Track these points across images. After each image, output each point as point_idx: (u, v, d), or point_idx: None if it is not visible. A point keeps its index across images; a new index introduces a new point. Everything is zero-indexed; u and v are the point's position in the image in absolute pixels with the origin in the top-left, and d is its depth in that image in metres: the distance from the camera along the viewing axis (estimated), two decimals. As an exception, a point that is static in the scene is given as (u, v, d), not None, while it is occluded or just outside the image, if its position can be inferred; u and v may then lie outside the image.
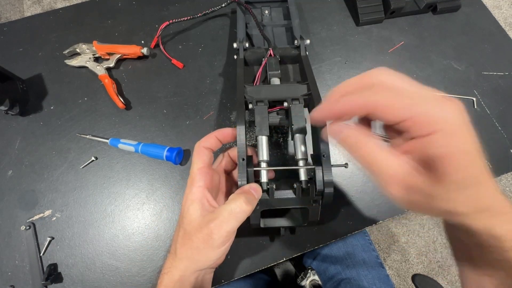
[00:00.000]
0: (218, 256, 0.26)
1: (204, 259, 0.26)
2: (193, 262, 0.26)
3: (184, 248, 0.26)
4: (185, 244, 0.26)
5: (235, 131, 0.29)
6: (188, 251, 0.26)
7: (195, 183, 0.27)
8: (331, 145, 0.29)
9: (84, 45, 0.47)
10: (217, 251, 0.26)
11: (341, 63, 0.49)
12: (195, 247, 0.25)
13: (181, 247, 0.26)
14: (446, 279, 1.11)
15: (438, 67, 0.49)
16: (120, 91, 0.46)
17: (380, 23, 0.52)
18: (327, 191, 0.27)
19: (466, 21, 0.54)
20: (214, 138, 0.29)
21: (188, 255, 0.26)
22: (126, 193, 0.41)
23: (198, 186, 0.27)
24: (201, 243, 0.25)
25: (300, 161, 0.30)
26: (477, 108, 0.46)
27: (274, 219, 0.33)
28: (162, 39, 0.50)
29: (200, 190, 0.27)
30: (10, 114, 0.44)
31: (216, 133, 0.30)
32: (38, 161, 0.42)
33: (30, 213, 0.39)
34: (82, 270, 0.37)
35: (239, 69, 0.38)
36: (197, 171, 0.28)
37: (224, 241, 0.25)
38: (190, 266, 0.26)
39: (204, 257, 0.26)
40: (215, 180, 0.30)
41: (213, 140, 0.29)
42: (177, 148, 0.40)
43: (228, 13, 0.52)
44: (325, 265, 0.60)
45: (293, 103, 0.32)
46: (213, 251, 0.25)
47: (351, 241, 0.60)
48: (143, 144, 0.41)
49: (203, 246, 0.25)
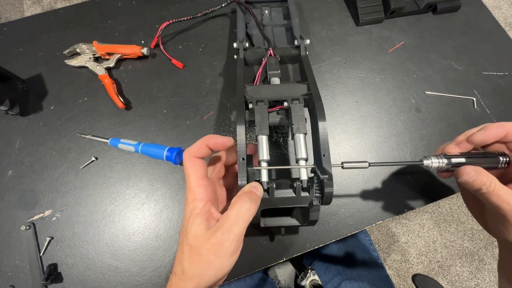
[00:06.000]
0: (230, 265, 0.25)
1: (216, 273, 0.24)
2: (204, 278, 0.24)
3: (194, 265, 0.24)
4: (194, 260, 0.24)
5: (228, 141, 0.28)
6: (199, 267, 0.24)
7: (197, 197, 0.26)
8: (330, 145, 0.29)
9: (84, 45, 0.47)
10: (229, 260, 0.24)
11: (341, 63, 0.49)
12: (205, 261, 0.24)
13: (190, 264, 0.24)
14: (446, 279, 1.11)
15: (438, 67, 0.49)
16: (120, 91, 0.46)
17: (380, 23, 0.53)
18: (327, 191, 0.27)
19: (466, 21, 0.54)
20: (205, 148, 0.28)
21: (199, 271, 0.24)
22: (126, 193, 0.41)
23: (201, 200, 0.26)
24: (211, 255, 0.23)
25: (300, 161, 0.30)
26: (477, 108, 0.46)
27: (274, 218, 0.32)
28: (162, 39, 0.50)
29: (203, 204, 0.26)
30: (10, 114, 0.44)
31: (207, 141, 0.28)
32: (38, 161, 0.42)
33: (30, 213, 0.39)
34: (82, 270, 0.37)
35: (239, 69, 0.38)
36: (196, 184, 0.26)
37: (236, 247, 0.24)
38: (201, 283, 0.24)
39: (216, 270, 0.24)
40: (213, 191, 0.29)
41: (204, 149, 0.28)
42: (177, 148, 0.40)
43: (228, 13, 0.53)
44: (325, 265, 0.60)
45: (293, 102, 0.32)
46: (226, 261, 0.24)
47: (351, 241, 0.61)
48: (143, 144, 0.41)
49: (214, 257, 0.23)
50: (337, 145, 0.43)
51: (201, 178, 0.27)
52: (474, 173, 0.27)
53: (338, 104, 0.46)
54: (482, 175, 0.27)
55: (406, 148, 0.44)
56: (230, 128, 0.44)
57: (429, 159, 0.30)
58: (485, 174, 0.27)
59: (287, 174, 0.41)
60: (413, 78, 0.48)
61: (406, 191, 0.41)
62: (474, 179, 0.27)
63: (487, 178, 0.27)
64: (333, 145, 0.43)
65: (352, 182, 0.41)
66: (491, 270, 1.12)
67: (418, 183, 0.41)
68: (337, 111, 0.46)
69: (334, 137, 0.44)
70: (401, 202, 0.40)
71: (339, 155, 0.43)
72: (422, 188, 0.41)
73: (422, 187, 0.41)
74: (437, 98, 0.47)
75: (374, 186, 0.41)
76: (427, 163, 0.30)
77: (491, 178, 0.27)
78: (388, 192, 0.41)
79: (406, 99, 0.47)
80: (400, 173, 0.42)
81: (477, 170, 0.27)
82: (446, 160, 0.29)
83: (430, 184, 0.41)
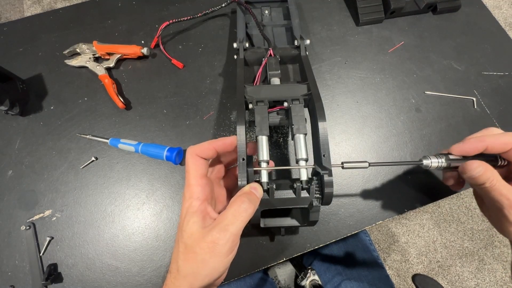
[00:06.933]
0: (225, 266, 0.25)
1: (211, 272, 0.24)
2: (199, 278, 0.24)
3: (188, 263, 0.24)
4: (189, 259, 0.24)
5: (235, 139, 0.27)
6: (193, 266, 0.24)
7: (193, 195, 0.26)
8: (330, 145, 0.29)
9: (84, 45, 0.47)
10: (224, 260, 0.24)
11: (341, 63, 0.49)
12: (200, 260, 0.23)
13: (184, 262, 0.24)
14: (446, 279, 1.11)
15: (438, 67, 0.49)
16: (120, 91, 0.46)
17: (380, 23, 0.52)
18: (327, 191, 0.27)
19: (466, 21, 0.54)
20: (212, 150, 0.27)
21: (193, 270, 0.24)
22: (126, 193, 0.41)
23: (197, 199, 0.26)
24: (206, 254, 0.23)
25: (300, 161, 0.30)
26: (477, 108, 0.46)
27: (274, 219, 0.32)
28: (162, 39, 0.50)
29: (199, 203, 0.26)
30: (10, 114, 0.44)
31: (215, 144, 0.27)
32: (38, 161, 0.42)
33: (30, 213, 0.39)
34: (82, 270, 0.37)
35: (239, 69, 0.38)
36: (195, 183, 0.26)
37: (231, 247, 0.24)
38: (195, 283, 0.24)
39: (211, 269, 0.24)
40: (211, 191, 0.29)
41: (210, 152, 0.27)
42: (177, 148, 0.40)
43: (228, 13, 0.53)
44: (326, 265, 0.60)
45: (293, 103, 0.32)
46: (221, 260, 0.23)
47: (351, 241, 0.61)
48: (143, 144, 0.41)
49: (209, 256, 0.23)
50: (337, 145, 0.43)
51: (200, 177, 0.27)
52: (481, 167, 0.27)
53: (338, 104, 0.46)
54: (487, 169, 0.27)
55: (406, 148, 0.44)
56: (230, 128, 0.44)
57: (428, 159, 0.30)
58: (490, 169, 0.27)
59: (287, 174, 0.41)
60: (413, 78, 0.48)
61: (406, 191, 0.41)
62: (481, 174, 0.27)
63: (491, 173, 0.27)
64: (333, 145, 0.43)
65: (352, 182, 0.41)
66: (491, 270, 1.12)
67: (418, 183, 0.41)
68: (337, 111, 0.46)
69: (334, 137, 0.44)
70: (401, 202, 0.40)
71: (339, 155, 0.43)
72: (422, 188, 0.41)
73: (422, 187, 0.41)
74: (437, 98, 0.47)
75: (374, 186, 0.41)
76: (427, 163, 0.30)
77: (494, 173, 0.27)
78: (388, 192, 0.41)
79: (406, 99, 0.47)
80: (400, 173, 0.42)
81: (483, 165, 0.27)
82: (445, 160, 0.30)
83: (430, 184, 0.41)
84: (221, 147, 0.28)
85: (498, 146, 0.28)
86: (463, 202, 1.20)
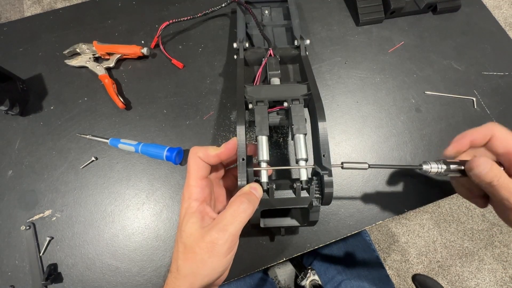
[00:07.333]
0: (225, 266, 0.25)
1: (210, 272, 0.24)
2: (198, 278, 0.24)
3: (188, 263, 0.24)
4: (188, 258, 0.24)
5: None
6: (193, 265, 0.24)
7: (192, 196, 0.26)
8: (330, 145, 0.29)
9: (84, 45, 0.47)
10: (223, 260, 0.24)
11: (341, 63, 0.49)
12: (199, 260, 0.23)
13: (184, 262, 0.24)
14: (446, 279, 1.11)
15: (438, 67, 0.49)
16: (120, 91, 0.46)
17: (380, 23, 0.52)
18: (327, 191, 0.27)
19: (466, 21, 0.54)
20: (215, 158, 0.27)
21: (193, 270, 0.24)
22: (126, 193, 0.41)
23: (196, 199, 0.26)
24: (205, 254, 0.23)
25: (300, 161, 0.30)
26: (477, 108, 0.46)
27: (274, 219, 0.32)
28: (162, 39, 0.50)
29: (198, 203, 0.26)
30: (10, 114, 0.44)
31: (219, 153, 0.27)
32: (38, 161, 0.42)
33: (30, 213, 0.39)
34: (82, 270, 0.37)
35: (239, 69, 0.38)
36: (195, 184, 0.26)
37: (230, 247, 0.24)
38: (195, 283, 0.24)
39: (210, 269, 0.24)
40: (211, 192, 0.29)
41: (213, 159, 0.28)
42: (177, 148, 0.40)
43: (228, 13, 0.53)
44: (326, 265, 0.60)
45: (293, 103, 0.32)
46: (220, 260, 0.24)
47: (351, 241, 0.61)
48: (143, 144, 0.41)
49: (208, 256, 0.23)
50: (337, 145, 0.43)
51: (201, 178, 0.27)
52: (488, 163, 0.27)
53: (338, 104, 0.46)
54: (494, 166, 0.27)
55: (406, 148, 0.44)
56: (230, 128, 0.44)
57: (428, 164, 0.30)
58: (496, 166, 0.27)
59: (287, 174, 0.41)
60: (413, 78, 0.48)
61: (406, 191, 0.41)
62: (487, 171, 0.27)
63: (499, 170, 0.27)
64: (333, 145, 0.43)
65: (352, 182, 0.41)
66: (491, 270, 1.12)
67: (418, 183, 0.41)
68: (337, 111, 0.46)
69: (334, 137, 0.44)
70: (401, 202, 0.40)
71: (339, 155, 0.43)
72: (422, 188, 0.41)
73: (422, 187, 0.41)
74: (437, 98, 0.47)
75: (374, 186, 0.41)
76: (426, 168, 0.30)
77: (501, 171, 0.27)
78: (388, 192, 0.41)
79: (406, 99, 0.47)
80: (400, 173, 0.42)
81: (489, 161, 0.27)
82: (445, 166, 0.29)
83: (430, 185, 0.41)
84: (225, 154, 0.28)
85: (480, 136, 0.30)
86: (463, 202, 1.20)
